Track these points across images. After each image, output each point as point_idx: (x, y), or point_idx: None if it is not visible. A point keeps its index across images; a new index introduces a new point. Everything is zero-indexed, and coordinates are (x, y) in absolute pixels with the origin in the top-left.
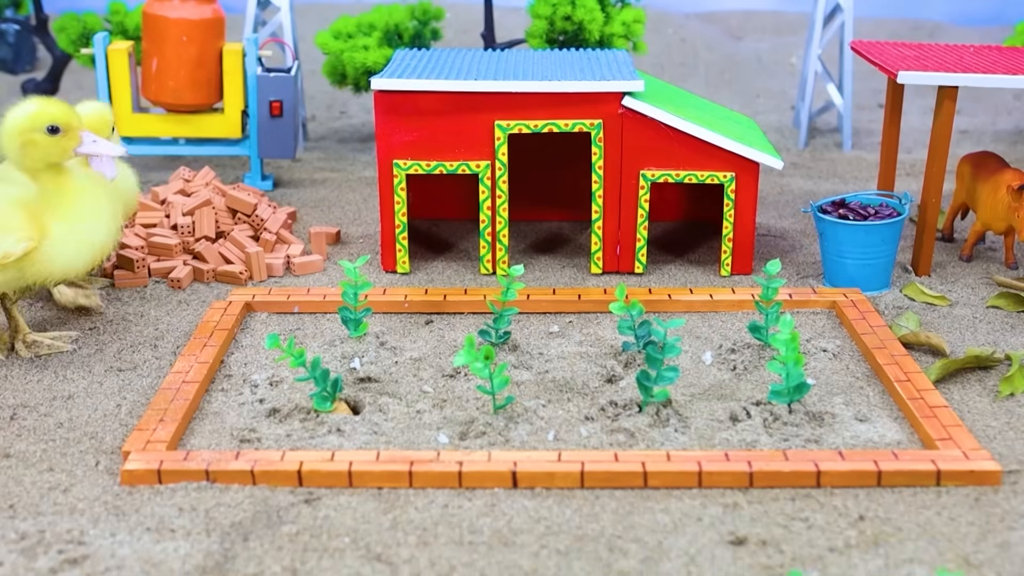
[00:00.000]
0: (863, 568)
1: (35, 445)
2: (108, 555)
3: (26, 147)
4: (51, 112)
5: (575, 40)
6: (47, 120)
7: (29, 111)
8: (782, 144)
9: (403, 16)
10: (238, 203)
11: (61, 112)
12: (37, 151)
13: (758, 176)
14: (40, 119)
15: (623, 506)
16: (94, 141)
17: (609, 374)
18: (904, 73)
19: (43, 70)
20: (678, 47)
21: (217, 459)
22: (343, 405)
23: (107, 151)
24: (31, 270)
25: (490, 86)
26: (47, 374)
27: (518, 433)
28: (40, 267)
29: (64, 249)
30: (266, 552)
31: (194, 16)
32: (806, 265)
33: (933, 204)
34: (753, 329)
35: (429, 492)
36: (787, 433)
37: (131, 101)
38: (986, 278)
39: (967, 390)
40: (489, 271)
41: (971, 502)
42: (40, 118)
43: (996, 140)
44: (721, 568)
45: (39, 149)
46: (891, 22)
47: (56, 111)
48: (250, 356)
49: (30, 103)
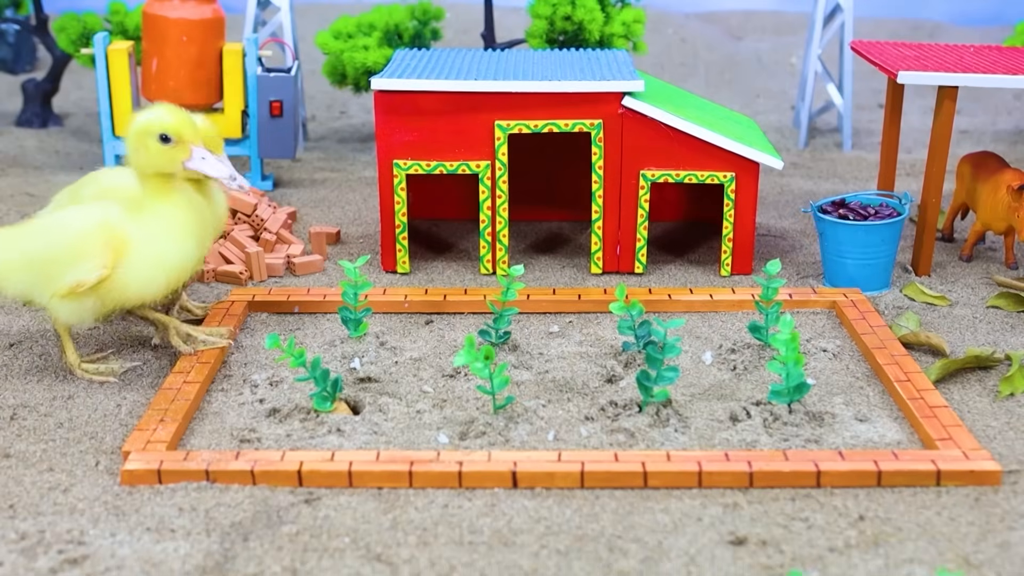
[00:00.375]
0: (863, 568)
1: (35, 445)
2: (108, 555)
3: (138, 151)
4: (166, 121)
5: (575, 40)
6: (160, 128)
7: (149, 116)
8: (782, 144)
9: (403, 16)
10: (238, 203)
11: (176, 123)
12: (148, 157)
13: (758, 176)
14: (154, 126)
15: (623, 506)
16: (203, 158)
17: (609, 374)
18: (904, 73)
19: (43, 70)
20: (678, 47)
21: (217, 459)
22: (343, 405)
23: (213, 172)
24: (108, 296)
25: (490, 86)
26: (47, 374)
27: (518, 433)
28: (115, 293)
29: (139, 275)
30: (266, 552)
31: (194, 16)
32: (806, 265)
33: (933, 204)
34: (753, 329)
35: (429, 492)
36: (787, 433)
37: (131, 101)
38: (986, 278)
39: (967, 390)
40: (489, 271)
41: (971, 502)
42: (155, 125)
43: (996, 140)
44: (721, 568)
45: (149, 155)
46: (891, 22)
47: (172, 121)
48: (250, 356)
49: (155, 109)
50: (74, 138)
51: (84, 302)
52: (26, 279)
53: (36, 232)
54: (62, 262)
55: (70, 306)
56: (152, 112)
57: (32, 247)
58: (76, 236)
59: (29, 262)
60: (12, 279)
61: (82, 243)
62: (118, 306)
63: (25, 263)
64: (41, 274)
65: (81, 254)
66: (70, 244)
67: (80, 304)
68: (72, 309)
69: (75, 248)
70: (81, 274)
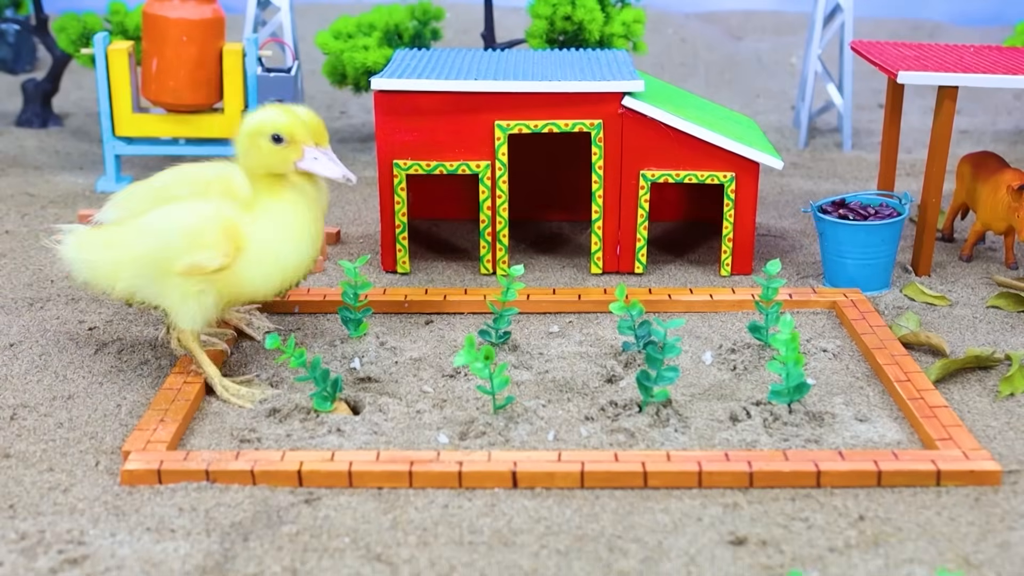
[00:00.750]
0: (863, 568)
1: (35, 445)
2: (108, 555)
3: (250, 151)
4: (278, 122)
5: (575, 40)
6: (272, 129)
7: (261, 117)
8: (782, 144)
9: (403, 16)
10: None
11: (288, 123)
12: (259, 157)
13: (758, 176)
14: (267, 127)
15: (623, 506)
16: (315, 158)
17: (609, 374)
18: (904, 73)
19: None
20: (678, 47)
21: (217, 459)
22: (343, 405)
23: (326, 172)
24: (225, 290)
25: (490, 86)
26: (47, 374)
27: (518, 433)
28: (232, 287)
29: (257, 270)
30: (266, 552)
31: (194, 16)
32: (806, 265)
33: (933, 204)
34: (753, 329)
35: (429, 492)
36: (787, 433)
37: (131, 101)
38: (986, 278)
39: (967, 390)
40: (489, 271)
41: (971, 502)
42: (267, 126)
43: (996, 140)
44: (721, 568)
45: (261, 155)
46: (891, 22)
47: (284, 122)
48: (250, 356)
49: (266, 109)
50: (74, 138)
51: (204, 300)
52: (138, 277)
53: (146, 228)
54: (179, 253)
55: (191, 306)
56: (263, 113)
57: (144, 243)
58: (192, 227)
59: (141, 258)
60: (123, 277)
61: (199, 234)
62: (231, 304)
63: (136, 259)
64: (156, 270)
65: (198, 244)
66: (186, 235)
67: (199, 303)
68: (193, 310)
69: (192, 239)
70: (201, 259)
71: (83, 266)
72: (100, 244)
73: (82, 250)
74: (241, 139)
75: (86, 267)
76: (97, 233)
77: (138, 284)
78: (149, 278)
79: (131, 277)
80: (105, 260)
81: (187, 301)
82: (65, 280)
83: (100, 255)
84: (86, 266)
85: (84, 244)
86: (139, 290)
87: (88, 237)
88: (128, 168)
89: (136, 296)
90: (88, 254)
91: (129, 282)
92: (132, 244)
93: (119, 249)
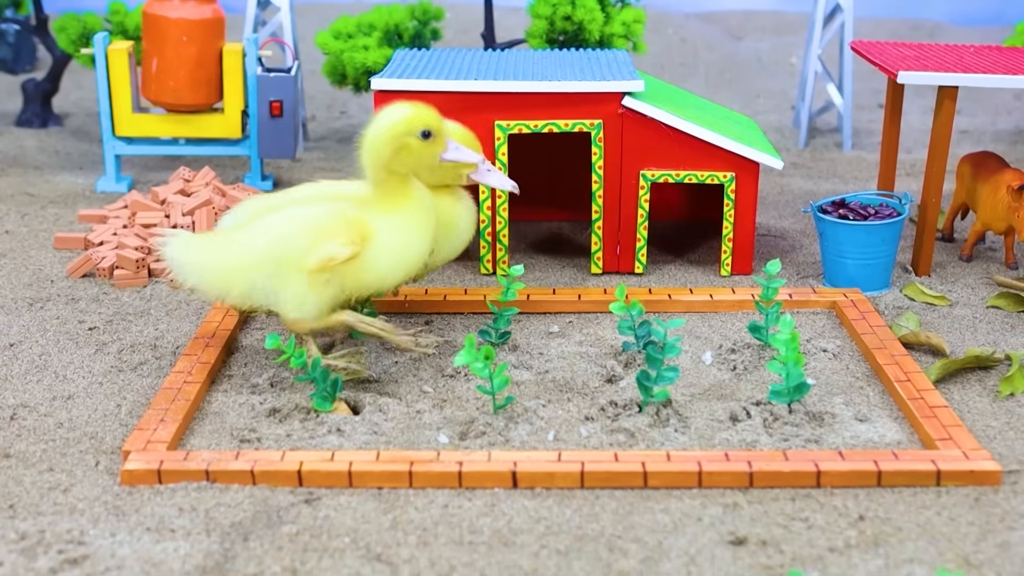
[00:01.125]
0: (863, 568)
1: (35, 445)
2: (108, 555)
3: (400, 151)
4: (425, 117)
5: (575, 40)
6: (422, 125)
7: (407, 114)
8: (782, 144)
9: (403, 16)
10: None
11: (433, 117)
12: (410, 156)
13: (758, 176)
14: (416, 123)
15: (623, 506)
16: (456, 148)
17: (609, 374)
18: (904, 73)
19: (43, 70)
20: (678, 47)
21: (217, 459)
22: (343, 405)
23: (469, 158)
24: (350, 282)
25: (490, 86)
26: (47, 374)
27: (518, 433)
28: (358, 278)
29: (384, 259)
30: (266, 552)
31: (194, 16)
32: (806, 265)
33: (933, 204)
34: (753, 329)
35: (429, 492)
36: (787, 433)
37: (131, 101)
38: (986, 278)
39: (967, 390)
40: (489, 271)
41: (971, 502)
42: (416, 122)
43: (996, 140)
44: (721, 568)
45: (412, 154)
46: (891, 22)
47: (429, 116)
48: (250, 356)
49: (403, 107)
50: (74, 138)
51: (327, 291)
52: (256, 281)
53: (266, 229)
54: (305, 250)
55: (312, 298)
56: (399, 111)
57: (266, 243)
58: (316, 222)
59: (261, 259)
60: (238, 283)
61: (324, 227)
62: (350, 298)
63: (257, 261)
64: (277, 268)
65: (324, 237)
66: (312, 230)
67: (320, 295)
68: (313, 301)
69: (318, 233)
70: (331, 250)
71: (192, 270)
72: (213, 248)
73: (191, 254)
74: (385, 141)
75: (196, 271)
76: (208, 238)
77: (257, 286)
78: (269, 277)
79: (249, 280)
80: (218, 264)
81: (310, 293)
82: (65, 280)
83: (213, 259)
84: (196, 270)
85: (194, 248)
86: (256, 292)
87: (198, 242)
88: (128, 168)
89: (250, 299)
90: (198, 257)
91: (246, 285)
92: (251, 245)
93: (235, 252)
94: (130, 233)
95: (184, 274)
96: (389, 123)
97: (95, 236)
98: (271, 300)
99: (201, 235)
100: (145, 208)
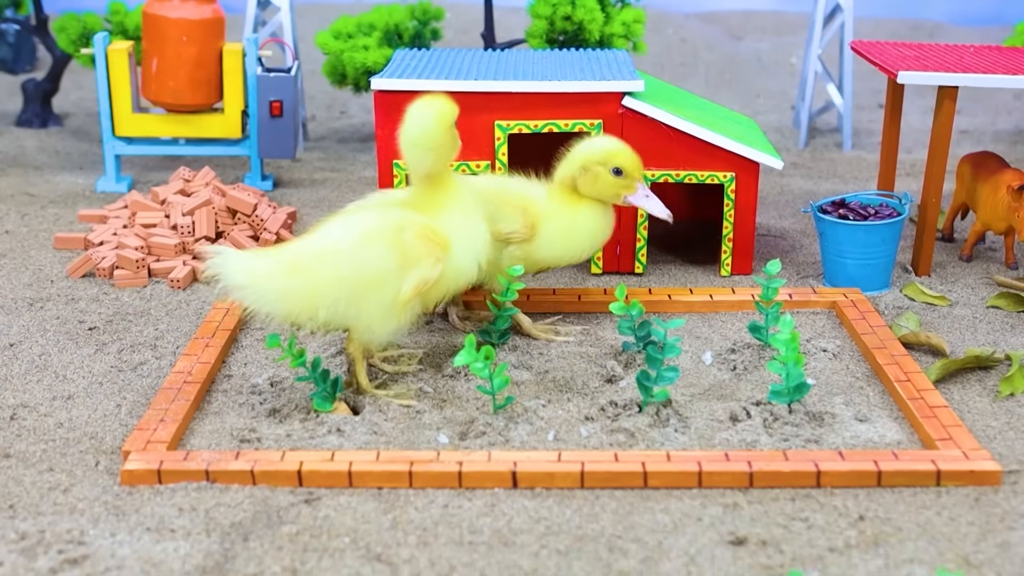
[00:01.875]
0: (863, 568)
1: (35, 445)
2: (108, 555)
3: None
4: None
5: (575, 40)
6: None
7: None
8: (782, 144)
9: (403, 16)
10: (238, 203)
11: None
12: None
13: (758, 176)
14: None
15: (623, 506)
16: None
17: (609, 374)
18: (904, 73)
19: (43, 70)
20: (678, 47)
21: (217, 459)
22: (343, 405)
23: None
24: (431, 294)
25: (490, 86)
26: (47, 374)
27: (518, 433)
28: (438, 288)
29: (460, 262)
30: (266, 552)
31: (194, 16)
32: (806, 265)
33: (933, 204)
34: (753, 329)
35: (429, 492)
36: (787, 433)
37: (131, 101)
38: (986, 278)
39: (967, 390)
40: None
41: (971, 502)
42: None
43: (996, 140)
44: (721, 568)
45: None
46: (891, 22)
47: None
48: (250, 356)
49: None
50: (74, 138)
51: (408, 315)
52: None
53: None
54: (388, 275)
55: (395, 323)
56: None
57: (347, 266)
58: (398, 247)
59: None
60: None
61: (406, 252)
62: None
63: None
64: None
65: (410, 261)
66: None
67: (402, 319)
68: (395, 326)
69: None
70: (425, 275)
71: (265, 296)
72: (282, 269)
73: (261, 278)
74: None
75: (270, 296)
76: (270, 257)
77: (339, 310)
78: (349, 300)
79: (333, 301)
80: (295, 288)
81: (393, 319)
82: (65, 280)
83: (287, 283)
84: (270, 296)
85: (261, 271)
86: (338, 315)
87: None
88: (128, 168)
89: (333, 322)
90: (270, 282)
91: (329, 309)
92: (332, 265)
93: (314, 274)
94: (130, 233)
95: (252, 299)
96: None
97: (95, 236)
98: (348, 321)
99: (262, 253)
100: (145, 208)
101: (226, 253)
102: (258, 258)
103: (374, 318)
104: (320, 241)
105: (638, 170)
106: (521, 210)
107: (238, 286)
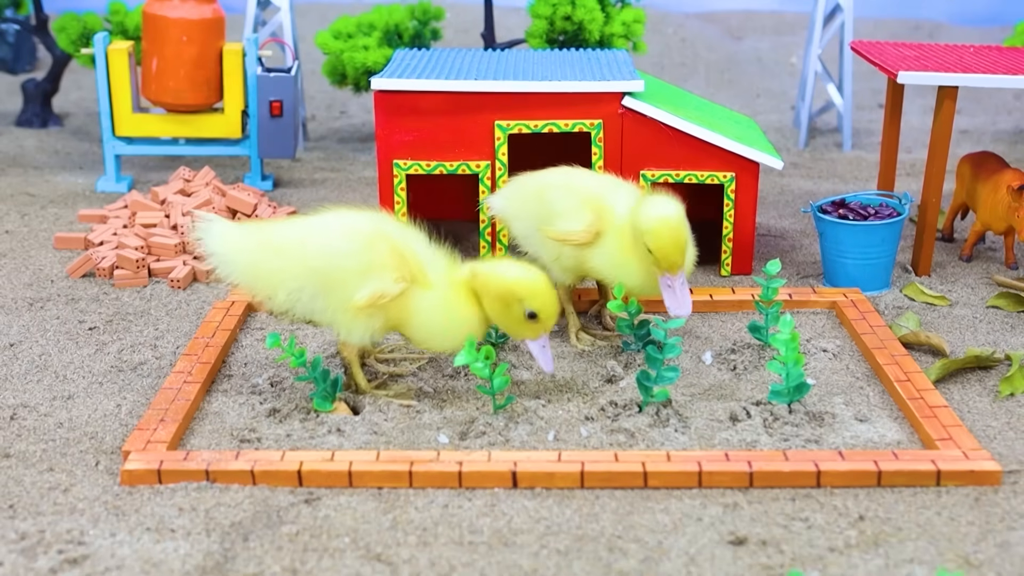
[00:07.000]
0: (863, 568)
1: (35, 445)
2: (108, 555)
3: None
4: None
5: (575, 40)
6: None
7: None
8: (782, 144)
9: (403, 16)
10: (238, 203)
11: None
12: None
13: (758, 176)
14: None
15: (623, 506)
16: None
17: (609, 374)
18: (904, 73)
19: (43, 70)
20: (678, 47)
21: (217, 459)
22: (343, 405)
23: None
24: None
25: (490, 86)
26: (47, 374)
27: (518, 433)
28: None
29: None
30: (266, 552)
31: (194, 16)
32: (806, 265)
33: (933, 204)
34: (753, 329)
35: (429, 492)
36: (787, 433)
37: (131, 101)
38: (986, 278)
39: (967, 390)
40: None
41: (971, 502)
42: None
43: (996, 140)
44: (721, 568)
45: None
46: (891, 22)
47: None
48: (250, 356)
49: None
50: (74, 138)
51: (372, 323)
52: (304, 291)
53: (315, 239)
54: (350, 276)
55: (360, 328)
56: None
57: (314, 255)
58: (365, 253)
59: (309, 272)
60: (284, 288)
61: (372, 258)
62: None
63: (304, 272)
64: (325, 288)
65: (373, 268)
66: (360, 259)
67: (367, 325)
68: (361, 332)
69: (366, 264)
70: (383, 285)
71: (232, 266)
72: (256, 244)
73: (230, 245)
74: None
75: (237, 268)
76: (252, 230)
77: (303, 298)
78: (315, 292)
79: (297, 287)
80: (264, 264)
81: (356, 321)
82: (65, 280)
83: (257, 257)
84: (237, 267)
85: (234, 240)
86: (301, 305)
87: (240, 233)
88: (128, 168)
89: (296, 311)
90: (240, 255)
91: (293, 295)
92: (301, 249)
93: (284, 254)
94: (130, 233)
95: (223, 267)
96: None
97: (95, 236)
98: (314, 315)
99: (244, 226)
100: (145, 208)
101: (212, 219)
102: (237, 229)
103: (337, 317)
104: (299, 227)
105: (681, 259)
106: (591, 210)
107: (211, 252)
